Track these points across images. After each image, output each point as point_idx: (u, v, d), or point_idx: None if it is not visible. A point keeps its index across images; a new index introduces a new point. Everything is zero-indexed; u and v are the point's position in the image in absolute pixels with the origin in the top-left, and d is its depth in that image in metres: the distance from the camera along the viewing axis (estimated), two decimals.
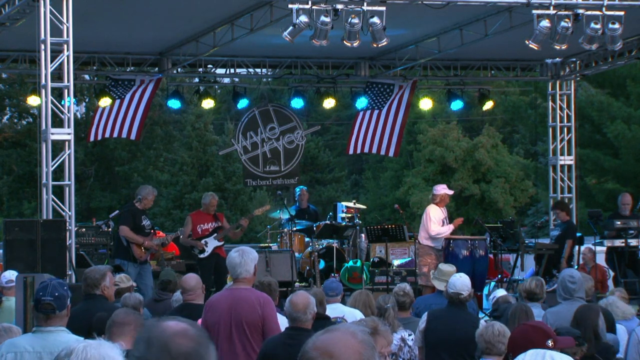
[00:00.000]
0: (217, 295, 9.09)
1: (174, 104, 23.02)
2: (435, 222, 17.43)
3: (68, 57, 14.77)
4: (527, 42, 16.14)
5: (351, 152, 24.30)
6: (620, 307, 11.01)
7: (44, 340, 6.60)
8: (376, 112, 22.98)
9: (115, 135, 22.38)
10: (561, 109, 22.70)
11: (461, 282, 10.18)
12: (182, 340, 3.42)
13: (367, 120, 23.17)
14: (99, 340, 3.65)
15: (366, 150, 23.71)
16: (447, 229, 17.47)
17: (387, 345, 6.98)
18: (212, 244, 17.58)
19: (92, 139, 22.65)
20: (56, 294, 6.62)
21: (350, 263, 19.16)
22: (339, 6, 15.11)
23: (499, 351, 7.98)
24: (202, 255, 17.56)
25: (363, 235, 20.23)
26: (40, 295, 6.65)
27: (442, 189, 17.84)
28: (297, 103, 22.79)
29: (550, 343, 5.84)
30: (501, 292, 13.14)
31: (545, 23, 15.79)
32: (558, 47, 16.24)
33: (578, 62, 22.54)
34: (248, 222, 18.64)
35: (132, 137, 22.32)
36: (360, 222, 20.68)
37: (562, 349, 7.53)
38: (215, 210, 17.96)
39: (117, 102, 21.56)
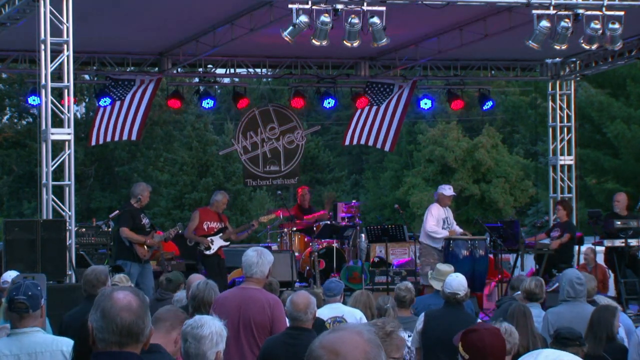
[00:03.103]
0: (226, 293, 9.06)
1: (174, 103, 23.02)
2: (435, 221, 17.48)
3: (68, 57, 14.75)
4: (527, 42, 16.13)
5: (347, 143, 24.18)
6: None
7: (19, 342, 6.54)
8: (375, 107, 22.97)
9: (116, 139, 22.36)
10: (561, 109, 22.69)
11: (457, 282, 10.11)
12: (125, 314, 4.17)
13: (366, 114, 23.14)
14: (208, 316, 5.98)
15: (362, 142, 23.63)
16: (443, 233, 17.47)
17: (399, 348, 6.97)
18: (217, 242, 17.67)
19: (93, 142, 22.54)
20: (29, 293, 6.55)
21: (351, 263, 19.16)
22: (339, 6, 15.10)
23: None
24: (207, 252, 17.64)
25: (363, 235, 20.22)
26: (14, 294, 6.58)
27: (449, 190, 17.91)
28: (298, 103, 22.79)
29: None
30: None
31: (545, 23, 15.78)
32: (558, 47, 16.22)
33: (578, 62, 22.53)
34: (257, 225, 19.00)
35: (133, 137, 22.31)
36: (360, 222, 20.68)
37: (563, 349, 7.55)
38: (223, 210, 18.05)
39: (118, 103, 21.53)
